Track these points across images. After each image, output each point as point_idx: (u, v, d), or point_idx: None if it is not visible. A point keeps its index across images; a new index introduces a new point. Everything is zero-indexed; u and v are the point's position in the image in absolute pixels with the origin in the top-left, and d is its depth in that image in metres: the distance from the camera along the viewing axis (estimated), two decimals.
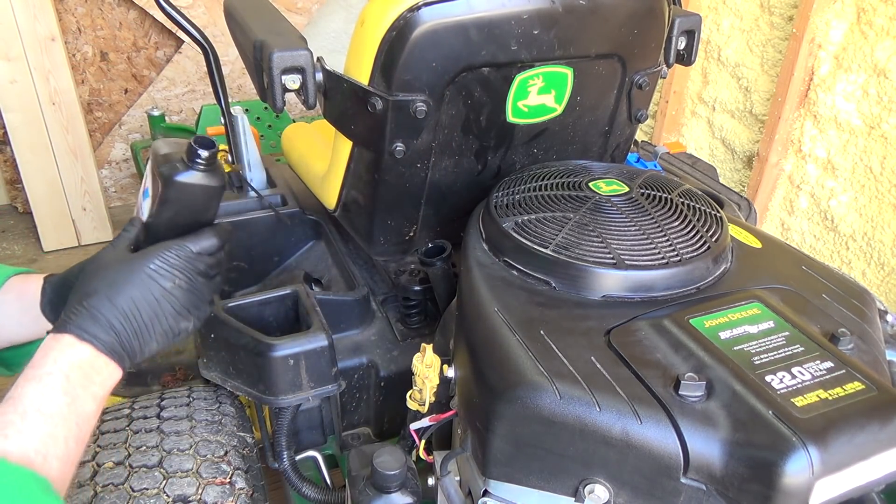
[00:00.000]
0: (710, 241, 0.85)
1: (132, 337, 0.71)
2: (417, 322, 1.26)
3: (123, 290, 0.70)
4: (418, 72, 0.93)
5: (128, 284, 0.70)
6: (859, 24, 1.74)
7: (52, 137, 2.56)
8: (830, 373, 0.66)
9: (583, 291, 0.80)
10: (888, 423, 0.62)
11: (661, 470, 0.64)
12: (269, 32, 1.00)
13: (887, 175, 1.73)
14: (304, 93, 0.97)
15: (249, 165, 1.43)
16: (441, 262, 1.11)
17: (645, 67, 1.11)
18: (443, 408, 0.91)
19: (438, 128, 1.01)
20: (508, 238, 0.86)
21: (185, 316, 0.75)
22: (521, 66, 0.99)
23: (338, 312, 1.19)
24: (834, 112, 1.83)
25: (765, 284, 0.82)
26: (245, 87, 3.10)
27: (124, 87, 3.00)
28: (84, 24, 2.80)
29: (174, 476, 0.90)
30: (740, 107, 2.20)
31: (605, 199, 0.90)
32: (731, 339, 0.70)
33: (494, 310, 0.77)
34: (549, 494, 0.70)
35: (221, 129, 1.38)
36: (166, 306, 0.73)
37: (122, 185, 3.16)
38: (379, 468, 0.77)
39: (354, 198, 1.15)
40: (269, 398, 1.00)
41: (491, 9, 0.92)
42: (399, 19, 0.90)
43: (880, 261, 1.78)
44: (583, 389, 0.66)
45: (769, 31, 2.04)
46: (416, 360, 0.91)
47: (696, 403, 0.64)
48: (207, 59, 1.21)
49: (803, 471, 0.58)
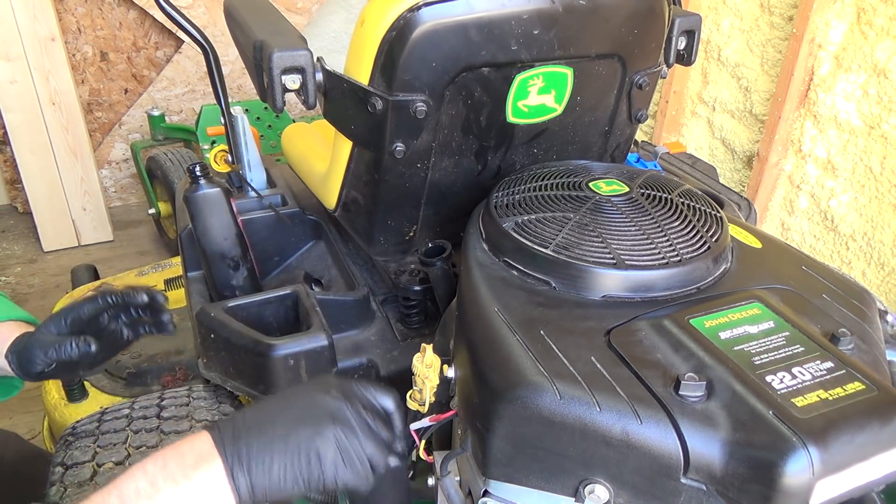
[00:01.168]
0: (710, 241, 0.85)
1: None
2: (417, 322, 1.26)
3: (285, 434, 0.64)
4: (418, 72, 0.93)
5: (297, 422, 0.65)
6: (859, 24, 1.74)
7: (52, 137, 2.56)
8: (831, 373, 0.66)
9: (583, 291, 0.80)
10: (888, 423, 0.62)
11: (661, 470, 0.64)
12: (269, 32, 1.00)
13: (887, 175, 1.73)
14: (304, 93, 0.97)
15: (249, 165, 1.43)
16: (441, 262, 1.11)
17: (645, 67, 1.11)
18: (443, 408, 0.91)
19: (438, 128, 1.01)
20: (508, 238, 0.86)
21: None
22: (521, 66, 0.99)
23: (338, 312, 1.19)
24: (834, 112, 1.83)
25: (765, 284, 0.82)
26: (245, 87, 3.10)
27: (124, 87, 3.00)
28: (84, 24, 2.80)
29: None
30: (740, 107, 2.20)
31: (605, 199, 0.90)
32: (732, 339, 0.70)
33: (494, 310, 0.77)
34: (549, 494, 0.70)
35: (221, 129, 1.38)
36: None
37: (122, 185, 3.16)
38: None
39: (354, 198, 1.15)
40: None
41: (491, 9, 0.92)
42: (399, 19, 0.90)
43: (880, 261, 1.78)
44: (583, 389, 0.66)
45: (769, 31, 2.04)
46: (416, 360, 0.90)
47: (696, 403, 0.64)
48: (207, 59, 1.21)
49: (803, 471, 0.58)
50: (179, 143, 2.83)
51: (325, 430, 0.63)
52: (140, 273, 2.14)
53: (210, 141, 2.34)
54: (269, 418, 0.65)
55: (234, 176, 1.45)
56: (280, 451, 0.62)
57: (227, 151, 1.40)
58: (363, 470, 0.65)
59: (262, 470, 0.61)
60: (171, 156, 2.54)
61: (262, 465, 0.61)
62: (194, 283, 1.30)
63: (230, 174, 1.45)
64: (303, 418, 0.64)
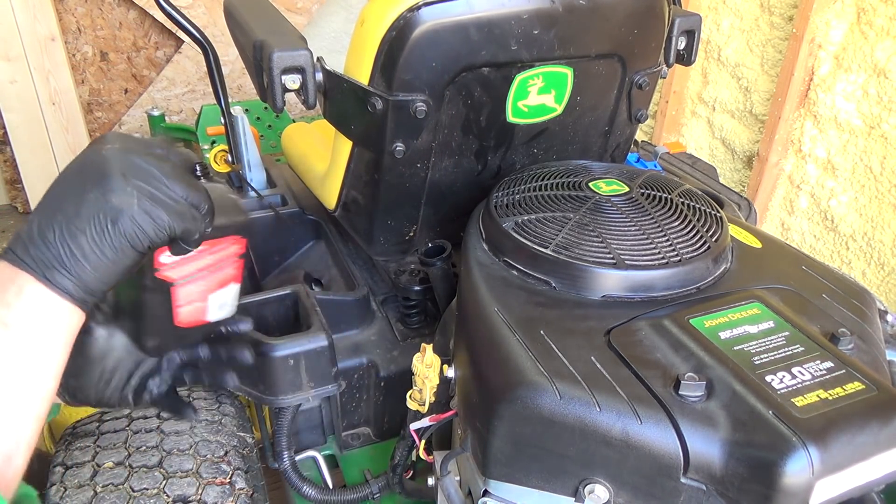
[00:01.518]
0: (710, 241, 0.85)
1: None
2: (417, 322, 1.26)
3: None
4: (418, 72, 0.93)
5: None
6: (859, 24, 1.74)
7: (52, 137, 2.56)
8: (830, 373, 0.66)
9: (583, 291, 0.80)
10: (888, 423, 0.62)
11: (661, 470, 0.64)
12: (269, 32, 0.99)
13: (887, 175, 1.73)
14: (304, 93, 0.97)
15: (249, 165, 1.43)
16: (441, 262, 1.11)
17: (645, 67, 1.11)
18: (443, 408, 0.91)
19: (438, 128, 1.01)
20: (508, 238, 0.86)
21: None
22: (521, 66, 0.99)
23: (338, 312, 1.19)
24: (834, 112, 1.83)
25: (765, 284, 0.82)
26: (245, 87, 3.10)
27: (124, 87, 3.00)
28: (84, 24, 2.80)
29: (174, 476, 0.90)
30: (740, 107, 2.20)
31: (605, 199, 0.90)
32: (732, 339, 0.70)
33: (494, 310, 0.77)
34: (549, 494, 0.70)
35: (221, 129, 1.38)
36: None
37: None
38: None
39: (354, 198, 1.15)
40: (269, 398, 1.00)
41: (491, 9, 0.92)
42: (399, 19, 0.90)
43: (880, 261, 1.78)
44: (583, 389, 0.66)
45: (769, 31, 2.04)
46: (416, 360, 0.91)
47: (696, 403, 0.64)
48: (207, 59, 1.21)
49: (803, 471, 0.58)
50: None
51: (112, 182, 0.56)
52: None
53: (210, 141, 2.34)
54: (52, 207, 0.57)
55: (234, 176, 1.45)
56: (80, 229, 0.55)
57: (227, 151, 1.40)
58: (181, 206, 0.59)
59: (74, 257, 0.55)
60: None
61: (71, 252, 0.55)
62: None
63: (230, 174, 1.46)
64: (84, 183, 0.57)
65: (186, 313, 0.83)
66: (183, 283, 0.79)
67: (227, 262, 0.83)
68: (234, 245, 0.83)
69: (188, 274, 0.79)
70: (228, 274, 0.84)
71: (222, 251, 0.81)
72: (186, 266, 0.79)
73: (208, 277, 0.83)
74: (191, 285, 0.82)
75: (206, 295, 0.83)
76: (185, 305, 0.82)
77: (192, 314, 0.84)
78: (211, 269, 0.82)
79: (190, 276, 0.79)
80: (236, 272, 0.85)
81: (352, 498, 1.10)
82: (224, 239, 0.81)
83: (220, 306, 0.87)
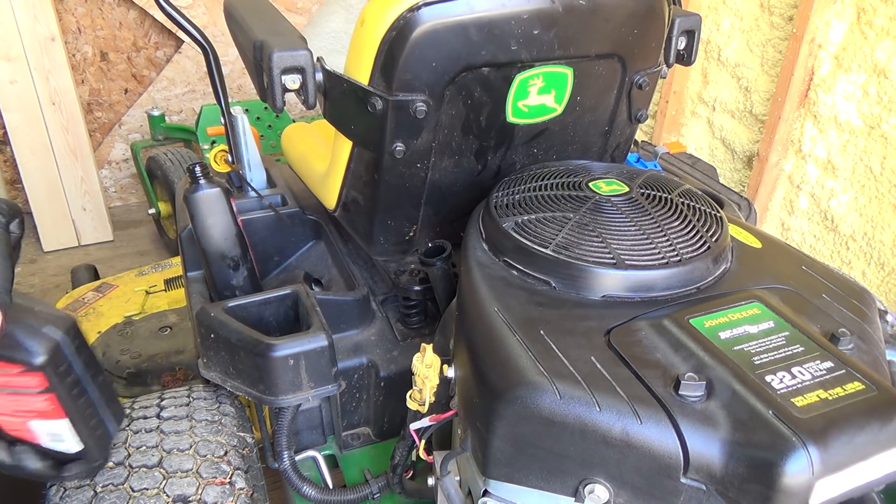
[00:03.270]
0: (710, 241, 0.85)
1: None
2: (417, 322, 1.26)
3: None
4: (418, 72, 0.93)
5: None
6: (859, 24, 1.74)
7: (52, 137, 2.56)
8: (830, 373, 0.66)
9: (583, 291, 0.80)
10: (888, 423, 0.62)
11: (661, 470, 0.64)
12: (269, 32, 1.00)
13: (887, 175, 1.73)
14: (304, 93, 0.97)
15: (249, 165, 1.43)
16: (441, 262, 1.11)
17: (645, 67, 1.11)
18: (443, 408, 0.91)
19: (438, 128, 1.01)
20: (508, 238, 0.86)
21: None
22: (521, 66, 0.99)
23: (338, 312, 1.19)
24: (834, 112, 1.84)
25: (765, 284, 0.82)
26: (245, 87, 3.10)
27: (124, 87, 3.00)
28: (84, 24, 2.80)
29: (174, 476, 0.90)
30: (740, 107, 2.20)
31: (605, 199, 0.90)
32: (731, 339, 0.70)
33: (494, 310, 0.77)
34: (549, 494, 0.70)
35: (221, 129, 1.38)
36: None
37: (122, 185, 3.16)
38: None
39: (354, 198, 1.15)
40: (269, 398, 1.00)
41: (491, 9, 0.92)
42: (399, 19, 0.90)
43: (880, 261, 1.78)
44: (583, 389, 0.66)
45: (769, 31, 2.04)
46: (416, 360, 0.90)
47: (696, 403, 0.64)
48: (207, 59, 1.21)
49: (803, 471, 0.58)
50: (179, 143, 2.83)
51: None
52: (140, 273, 2.14)
53: (210, 141, 2.34)
54: None
55: (234, 176, 1.45)
56: None
57: (227, 151, 1.40)
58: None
59: None
60: (171, 156, 2.54)
61: None
62: (194, 283, 1.30)
63: (230, 174, 1.46)
64: None
65: (8, 424, 0.82)
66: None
67: (23, 388, 0.79)
68: (27, 376, 0.78)
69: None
70: (41, 406, 0.80)
71: (10, 376, 0.77)
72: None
73: (11, 397, 0.79)
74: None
75: (23, 418, 0.81)
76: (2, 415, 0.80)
77: (18, 430, 0.82)
78: (7, 389, 0.78)
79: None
80: (52, 406, 0.81)
81: (352, 498, 1.10)
82: (10, 364, 0.77)
83: (54, 439, 0.84)
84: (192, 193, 1.16)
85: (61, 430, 0.82)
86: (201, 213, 1.18)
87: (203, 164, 1.17)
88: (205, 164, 1.17)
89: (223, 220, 1.20)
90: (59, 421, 0.81)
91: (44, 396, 0.79)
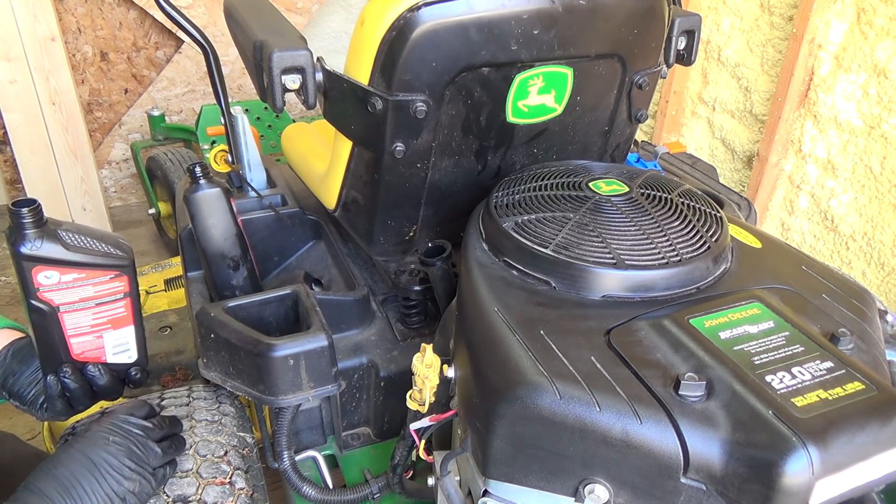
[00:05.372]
0: (710, 241, 0.85)
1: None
2: (417, 322, 1.26)
3: (61, 462, 0.76)
4: (418, 72, 0.93)
5: (64, 455, 0.78)
6: (859, 24, 1.74)
7: (52, 137, 2.56)
8: (830, 373, 0.66)
9: (583, 291, 0.80)
10: (888, 423, 0.62)
11: (661, 470, 0.64)
12: (269, 32, 1.00)
13: (887, 175, 1.73)
14: (304, 93, 0.97)
15: (249, 165, 1.43)
16: (441, 262, 1.11)
17: (645, 67, 1.11)
18: (443, 408, 0.91)
19: (438, 128, 1.01)
20: (508, 238, 0.86)
21: (129, 477, 0.80)
22: (521, 66, 0.99)
23: (338, 312, 1.19)
24: (834, 112, 1.84)
25: (765, 284, 0.82)
26: (245, 87, 3.10)
27: (124, 87, 3.00)
28: (84, 24, 2.80)
29: (174, 476, 0.90)
30: (740, 107, 2.20)
31: (605, 199, 0.90)
32: (731, 339, 0.70)
33: (494, 310, 0.77)
34: (549, 494, 0.70)
35: (221, 129, 1.38)
36: (104, 468, 0.78)
37: (122, 185, 3.16)
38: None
39: (354, 198, 1.15)
40: (269, 398, 1.00)
41: (491, 9, 0.92)
42: (399, 19, 0.90)
43: (880, 261, 1.78)
44: (583, 389, 0.66)
45: (769, 31, 2.04)
46: (416, 360, 0.90)
47: (696, 403, 0.64)
48: (207, 59, 1.21)
49: (803, 471, 0.58)
50: (179, 143, 2.83)
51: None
52: (140, 273, 2.14)
53: (210, 141, 2.34)
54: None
55: (234, 176, 1.45)
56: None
57: (227, 151, 1.40)
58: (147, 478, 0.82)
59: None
60: (171, 156, 2.54)
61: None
62: (194, 283, 1.30)
63: (230, 174, 1.46)
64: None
65: (79, 346, 0.87)
66: (67, 309, 0.82)
67: (110, 296, 0.87)
68: (116, 281, 0.86)
69: (70, 301, 0.82)
70: (118, 313, 0.88)
71: (102, 283, 0.85)
72: (67, 292, 0.82)
73: (95, 310, 0.85)
74: (77, 314, 0.85)
75: (98, 331, 0.87)
76: (75, 336, 0.86)
77: (87, 350, 0.89)
78: (95, 301, 0.86)
79: (72, 304, 0.84)
80: (126, 313, 0.90)
81: (352, 498, 1.10)
82: (105, 271, 0.85)
83: (117, 350, 0.92)
84: (192, 193, 1.16)
85: (128, 337, 0.93)
86: (201, 213, 1.18)
87: (203, 164, 1.17)
88: (205, 164, 1.17)
89: (223, 220, 1.20)
90: (127, 328, 0.92)
91: (124, 302, 0.90)
